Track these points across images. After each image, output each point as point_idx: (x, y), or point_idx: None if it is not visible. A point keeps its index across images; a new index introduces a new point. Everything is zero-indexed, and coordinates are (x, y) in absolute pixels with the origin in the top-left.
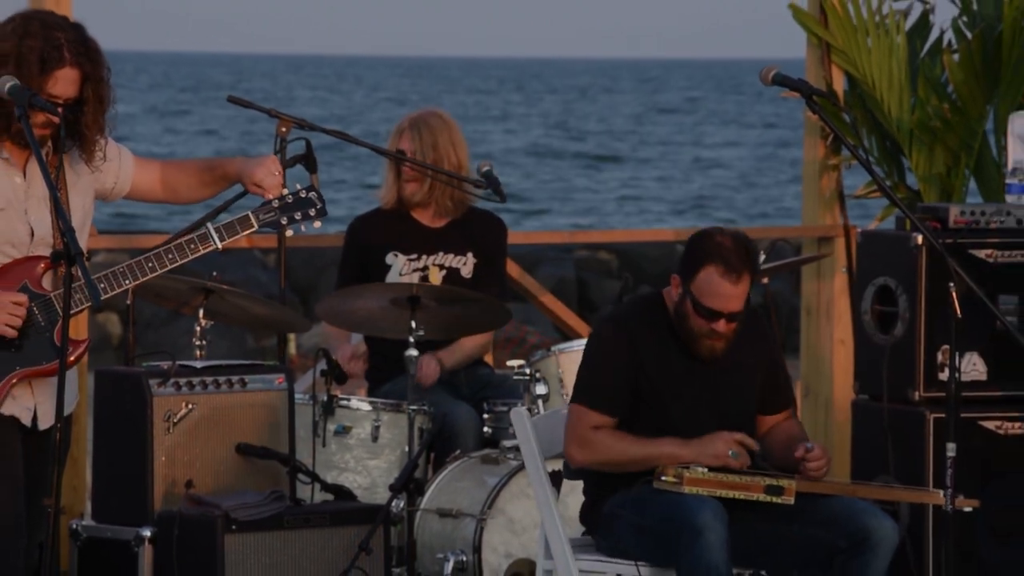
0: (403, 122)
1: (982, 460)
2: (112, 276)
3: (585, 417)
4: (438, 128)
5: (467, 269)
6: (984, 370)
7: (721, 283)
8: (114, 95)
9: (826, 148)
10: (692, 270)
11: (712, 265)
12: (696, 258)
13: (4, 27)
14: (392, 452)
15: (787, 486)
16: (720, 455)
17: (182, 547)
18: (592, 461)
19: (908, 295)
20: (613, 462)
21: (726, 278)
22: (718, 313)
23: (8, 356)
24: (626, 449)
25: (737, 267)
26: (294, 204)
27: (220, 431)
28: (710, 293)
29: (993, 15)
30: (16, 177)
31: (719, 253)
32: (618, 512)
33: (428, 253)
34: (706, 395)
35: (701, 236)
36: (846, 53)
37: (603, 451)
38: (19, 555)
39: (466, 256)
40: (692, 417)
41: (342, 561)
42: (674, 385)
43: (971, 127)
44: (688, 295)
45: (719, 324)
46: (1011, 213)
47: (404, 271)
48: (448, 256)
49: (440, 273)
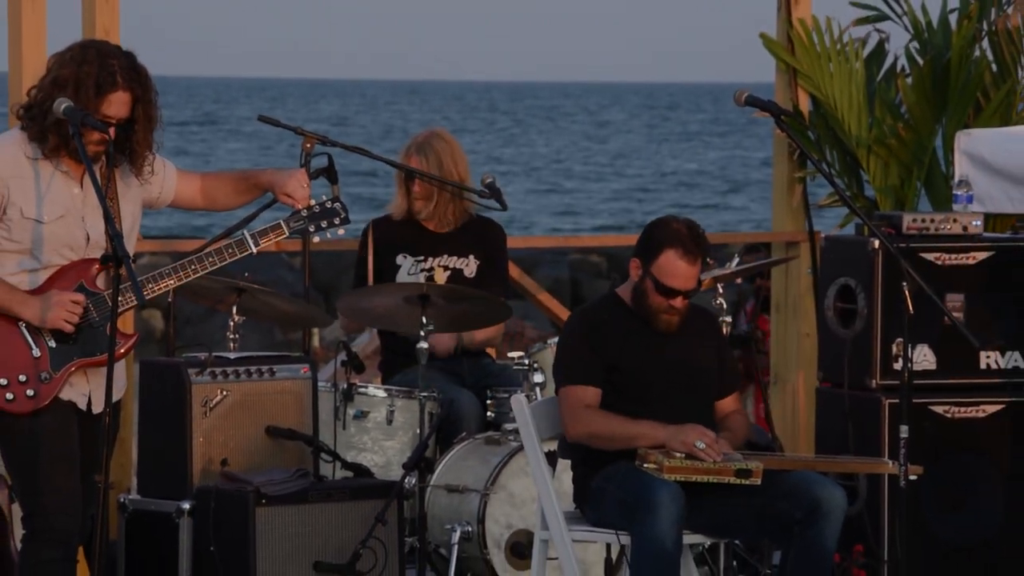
0: (410, 146)
1: (931, 441)
2: (158, 276)
3: (574, 394)
4: (441, 149)
5: (469, 270)
6: (933, 360)
7: (680, 264)
8: (161, 115)
9: (793, 162)
10: (653, 254)
11: (671, 249)
12: (656, 242)
13: (63, 55)
14: (405, 434)
15: (754, 468)
16: (688, 443)
17: (218, 519)
18: (583, 434)
19: (866, 293)
20: (600, 435)
21: (684, 260)
22: (676, 291)
23: (67, 348)
24: (611, 425)
25: (693, 251)
26: (320, 213)
27: (251, 415)
28: (670, 274)
29: (942, 43)
30: (74, 188)
31: (677, 238)
32: (604, 486)
33: (434, 255)
34: (672, 359)
35: (659, 223)
36: (811, 77)
37: (593, 426)
38: (78, 524)
39: (468, 258)
40: (665, 379)
41: (360, 531)
42: (641, 352)
43: (922, 144)
44: (648, 276)
45: (676, 300)
46: (957, 220)
47: (412, 271)
48: (452, 258)
49: (444, 273)
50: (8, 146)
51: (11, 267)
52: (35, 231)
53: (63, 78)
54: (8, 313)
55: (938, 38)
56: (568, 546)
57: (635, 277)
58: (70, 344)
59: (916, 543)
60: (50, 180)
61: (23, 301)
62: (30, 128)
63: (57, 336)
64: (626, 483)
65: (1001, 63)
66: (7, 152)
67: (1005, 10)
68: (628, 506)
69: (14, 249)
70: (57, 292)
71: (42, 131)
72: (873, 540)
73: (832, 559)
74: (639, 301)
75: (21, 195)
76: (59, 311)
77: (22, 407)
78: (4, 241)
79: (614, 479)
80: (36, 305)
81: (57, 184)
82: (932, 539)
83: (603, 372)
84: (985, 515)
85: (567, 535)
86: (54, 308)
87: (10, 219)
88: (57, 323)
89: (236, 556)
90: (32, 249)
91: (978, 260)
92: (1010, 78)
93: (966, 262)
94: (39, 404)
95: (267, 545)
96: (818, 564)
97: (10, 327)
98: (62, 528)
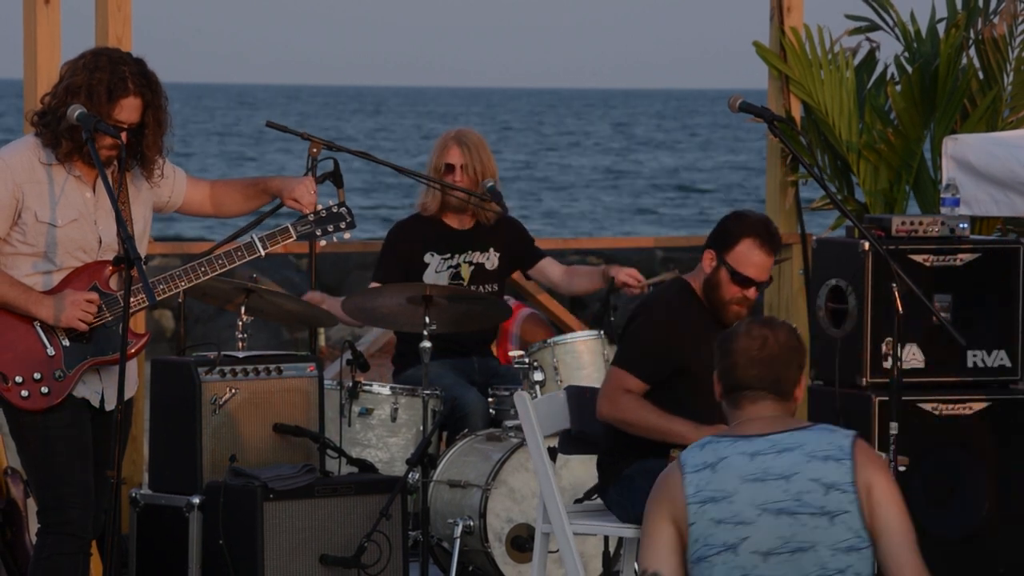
0: (447, 139)
1: (919, 437)
2: (170, 278)
3: (620, 378)
4: (479, 143)
5: (491, 263)
6: (922, 359)
7: (758, 254)
8: (171, 120)
9: (785, 167)
10: (731, 243)
11: (750, 238)
12: (735, 232)
13: (76, 62)
14: (408, 431)
15: None
16: None
17: (227, 513)
18: (613, 417)
19: (856, 294)
20: (631, 423)
21: (762, 250)
22: (752, 281)
23: (80, 347)
24: (645, 416)
25: (771, 242)
26: (327, 218)
27: (259, 412)
28: (748, 263)
29: (931, 52)
30: (87, 192)
31: (756, 229)
32: (636, 478)
33: (459, 252)
34: None
35: (736, 215)
36: (802, 84)
37: (627, 412)
38: (92, 518)
39: (488, 252)
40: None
41: (365, 525)
42: (708, 358)
43: (911, 149)
44: (724, 265)
45: (751, 291)
46: (945, 223)
47: (439, 268)
48: (475, 254)
49: (469, 268)
50: (23, 152)
51: (26, 269)
52: (49, 234)
53: (76, 85)
54: (23, 312)
55: (926, 46)
56: (570, 540)
57: (708, 269)
58: (83, 343)
59: None
60: (63, 185)
61: (38, 301)
62: (44, 134)
63: (71, 335)
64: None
65: (987, 71)
66: (22, 158)
67: (991, 19)
68: None
69: (29, 252)
70: (72, 292)
71: (55, 137)
72: None
73: None
74: (710, 293)
75: (36, 199)
76: (74, 310)
77: (36, 404)
78: (19, 244)
79: (647, 475)
80: (51, 305)
81: (70, 188)
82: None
83: (668, 373)
84: (971, 508)
85: (568, 529)
86: (69, 308)
87: (25, 223)
88: (72, 322)
89: (244, 549)
90: (46, 252)
91: (965, 261)
92: (996, 85)
93: (953, 263)
94: (53, 401)
95: (274, 538)
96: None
97: (25, 326)
98: (77, 521)
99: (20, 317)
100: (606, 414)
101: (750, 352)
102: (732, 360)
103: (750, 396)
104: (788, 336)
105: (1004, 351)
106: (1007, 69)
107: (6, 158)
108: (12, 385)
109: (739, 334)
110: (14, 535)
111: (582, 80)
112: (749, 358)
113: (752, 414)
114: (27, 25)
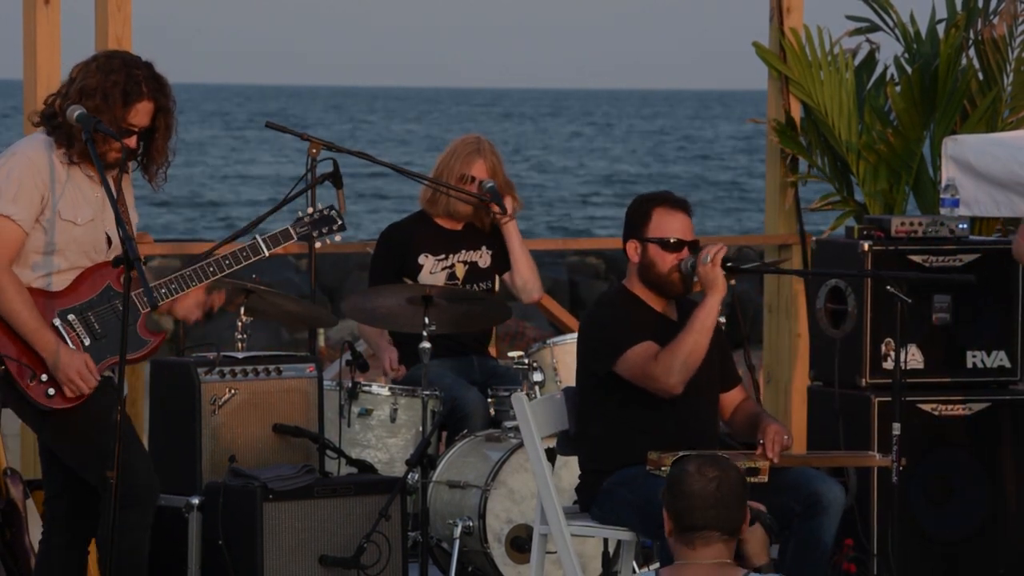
0: (471, 150)
1: (919, 437)
2: (180, 279)
3: (637, 355)
4: (500, 157)
5: (483, 261)
6: (921, 360)
7: (673, 216)
8: (176, 124)
9: (785, 167)
10: (643, 221)
11: (659, 207)
12: (642, 210)
13: (88, 65)
14: (408, 431)
15: (762, 467)
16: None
17: (226, 513)
18: (676, 367)
19: (856, 295)
20: (686, 353)
21: (675, 211)
22: (681, 242)
23: (100, 346)
24: (683, 341)
25: (679, 202)
26: (320, 220)
27: (259, 413)
28: (667, 228)
29: (930, 53)
30: (98, 192)
31: (660, 198)
32: (615, 489)
33: (452, 252)
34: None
35: (637, 199)
36: (802, 85)
37: (675, 357)
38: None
39: (481, 250)
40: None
41: (365, 526)
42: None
43: (910, 149)
44: (648, 242)
45: (683, 253)
46: (944, 224)
47: (434, 269)
48: (468, 253)
49: (464, 268)
50: (43, 151)
51: (41, 267)
52: (70, 233)
53: (90, 87)
54: (26, 339)
55: (926, 47)
56: (567, 540)
57: (637, 257)
58: (103, 342)
59: (903, 536)
60: (79, 184)
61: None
62: (57, 134)
63: (92, 334)
64: (643, 488)
65: (987, 71)
66: (45, 157)
67: (991, 20)
68: (643, 511)
69: (46, 250)
70: (81, 352)
71: (69, 138)
72: (863, 533)
73: (829, 553)
74: (648, 275)
75: (59, 198)
76: (75, 371)
77: (60, 403)
78: (39, 242)
79: (627, 484)
80: (54, 350)
81: (85, 188)
82: (919, 532)
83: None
84: (971, 509)
85: (566, 530)
86: (74, 364)
87: (48, 221)
88: (68, 378)
89: (244, 549)
90: (64, 250)
91: (965, 262)
92: (995, 86)
93: (953, 264)
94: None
95: (274, 539)
96: (816, 557)
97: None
98: (145, 487)
99: (39, 317)
100: (674, 381)
101: (705, 495)
102: (688, 503)
103: (703, 537)
104: (737, 476)
105: (1003, 352)
106: (1007, 70)
107: (31, 156)
108: (37, 384)
109: (691, 475)
110: (13, 536)
111: (582, 80)
112: (705, 501)
113: (702, 556)
114: (27, 25)
